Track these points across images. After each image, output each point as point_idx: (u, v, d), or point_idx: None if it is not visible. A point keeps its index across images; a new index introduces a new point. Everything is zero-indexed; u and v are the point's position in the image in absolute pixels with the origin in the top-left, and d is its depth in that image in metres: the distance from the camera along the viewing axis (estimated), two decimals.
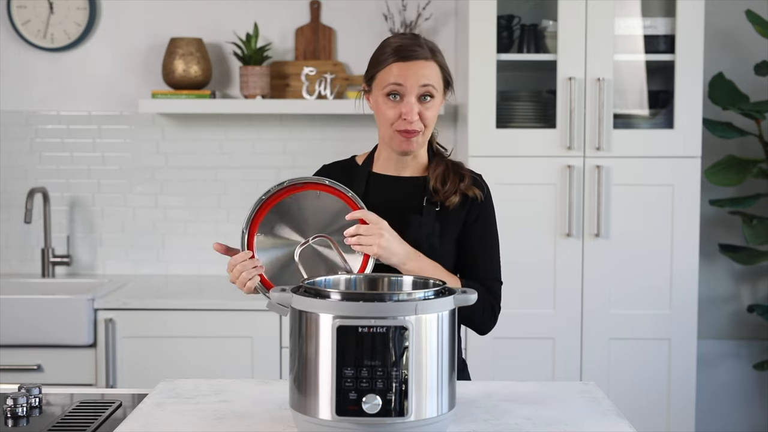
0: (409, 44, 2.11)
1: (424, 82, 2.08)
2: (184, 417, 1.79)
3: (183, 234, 3.90)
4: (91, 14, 3.82)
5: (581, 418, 1.81)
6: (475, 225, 2.18)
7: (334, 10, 3.87)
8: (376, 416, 1.56)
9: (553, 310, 3.42)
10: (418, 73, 2.08)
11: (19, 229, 3.89)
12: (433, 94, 2.10)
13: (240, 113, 3.85)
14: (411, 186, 2.19)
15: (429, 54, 2.11)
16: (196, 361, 3.32)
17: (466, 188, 2.17)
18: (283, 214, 2.07)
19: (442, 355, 1.61)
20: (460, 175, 2.19)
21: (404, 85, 2.08)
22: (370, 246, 2.00)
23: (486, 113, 3.39)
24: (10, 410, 1.92)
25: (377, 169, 2.22)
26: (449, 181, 2.17)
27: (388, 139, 2.15)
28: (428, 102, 2.10)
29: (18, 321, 3.28)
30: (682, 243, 3.42)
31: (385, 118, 2.11)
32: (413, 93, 2.09)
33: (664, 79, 3.55)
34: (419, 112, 2.09)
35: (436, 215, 2.15)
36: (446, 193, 2.15)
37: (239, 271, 2.03)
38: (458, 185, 2.17)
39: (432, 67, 2.11)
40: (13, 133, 3.88)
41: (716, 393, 3.98)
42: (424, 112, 2.10)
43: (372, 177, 2.21)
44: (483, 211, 2.20)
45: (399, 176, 2.20)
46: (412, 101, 2.09)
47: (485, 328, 2.19)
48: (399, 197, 2.18)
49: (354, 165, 2.25)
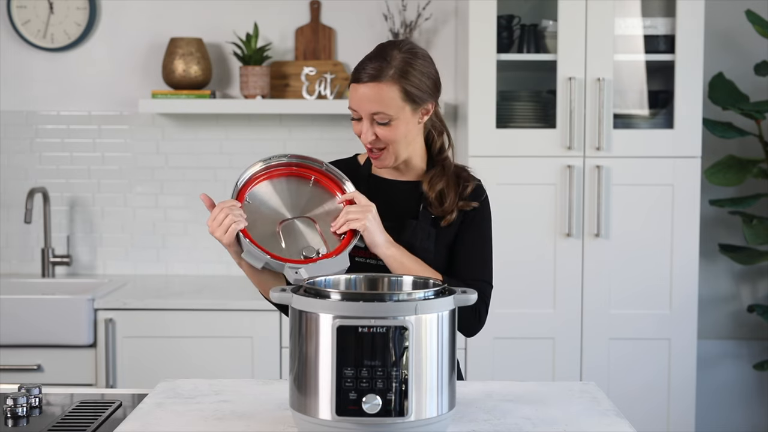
0: (363, 63, 2.05)
1: (371, 111, 2.03)
2: (184, 417, 1.79)
3: (183, 234, 3.90)
4: (91, 14, 3.82)
5: (581, 418, 1.81)
6: (468, 228, 2.17)
7: (334, 10, 3.87)
8: (376, 416, 1.56)
9: (553, 310, 3.42)
10: (364, 99, 2.03)
11: (19, 229, 3.89)
12: (386, 119, 2.03)
13: (240, 113, 3.85)
14: (409, 190, 2.18)
15: (380, 75, 2.01)
16: (196, 361, 3.32)
17: (464, 205, 2.15)
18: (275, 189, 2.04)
19: (442, 355, 1.61)
20: (459, 192, 2.14)
21: (357, 110, 2.06)
22: (356, 220, 1.99)
23: (486, 113, 3.39)
24: (10, 410, 1.92)
25: (377, 171, 2.22)
26: (447, 200, 2.13)
27: None
28: (385, 124, 2.04)
29: (18, 321, 3.28)
30: (682, 243, 3.42)
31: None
32: (366, 117, 2.05)
33: (664, 79, 3.55)
34: (375, 132, 2.05)
35: (432, 221, 2.14)
36: (443, 212, 2.13)
37: (225, 214, 1.90)
38: (456, 203, 2.13)
39: (381, 89, 2.01)
40: (13, 133, 3.88)
41: (716, 393, 3.98)
42: (381, 132, 2.05)
43: (372, 179, 2.21)
44: (478, 215, 2.18)
45: (398, 180, 2.20)
46: (366, 125, 2.05)
47: (471, 330, 2.14)
48: (397, 201, 2.17)
49: (356, 164, 2.25)
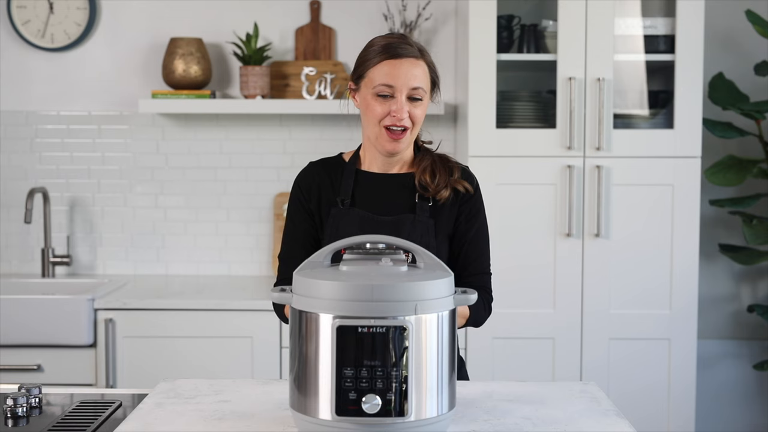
0: (398, 42, 2.11)
1: (414, 85, 2.09)
2: (184, 417, 1.79)
3: (183, 234, 3.90)
4: (91, 14, 3.82)
5: (581, 418, 1.81)
6: (468, 221, 2.18)
7: (334, 10, 3.87)
8: (376, 416, 1.56)
9: (553, 310, 3.42)
10: (408, 74, 2.08)
11: (19, 229, 3.89)
12: (422, 96, 2.11)
13: (240, 113, 3.85)
14: (400, 183, 2.18)
15: (418, 53, 2.12)
16: (196, 361, 3.32)
17: (455, 182, 2.17)
18: None
19: (442, 355, 1.61)
20: (449, 168, 2.19)
21: (394, 86, 2.08)
22: None
23: (486, 113, 3.39)
24: (10, 410, 1.92)
25: (365, 167, 2.22)
26: (438, 174, 2.16)
27: (374, 138, 2.14)
28: (417, 102, 2.11)
29: (18, 321, 3.28)
30: (682, 243, 3.42)
31: (374, 115, 2.11)
32: (403, 92, 2.09)
33: (664, 79, 3.55)
34: (408, 110, 2.10)
35: (429, 211, 2.15)
36: (437, 187, 2.15)
37: None
38: (448, 179, 2.16)
39: (421, 66, 2.11)
40: (13, 133, 3.88)
41: (716, 393, 3.98)
42: (413, 110, 2.10)
43: (360, 175, 2.20)
44: (474, 206, 2.20)
45: (387, 173, 2.20)
46: (402, 100, 2.09)
47: (481, 321, 2.21)
48: (390, 195, 2.17)
49: (341, 162, 2.24)
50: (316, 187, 2.20)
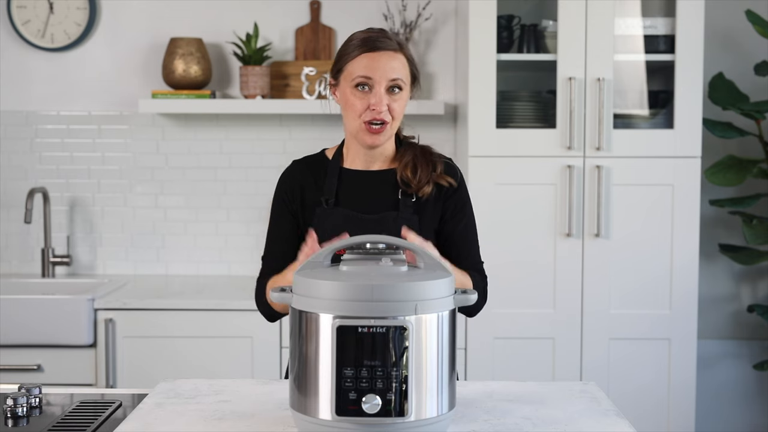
0: (376, 36, 2.11)
1: (392, 76, 2.08)
2: (184, 417, 1.79)
3: (183, 234, 3.90)
4: (91, 14, 3.82)
5: (581, 418, 1.81)
6: (454, 217, 2.17)
7: (334, 10, 3.87)
8: (376, 416, 1.56)
9: (553, 310, 3.42)
10: (387, 66, 2.08)
11: (19, 229, 3.89)
12: (402, 86, 2.10)
13: (240, 113, 3.85)
14: (382, 179, 2.18)
15: (397, 46, 2.11)
16: (196, 361, 3.32)
17: (438, 177, 2.16)
18: None
19: (442, 355, 1.61)
20: (432, 163, 2.17)
21: (372, 77, 2.08)
22: None
23: (486, 113, 3.39)
24: (10, 410, 1.92)
25: (347, 164, 2.21)
26: (420, 169, 2.15)
27: (355, 132, 2.14)
28: (397, 94, 2.10)
29: (18, 321, 3.28)
30: (682, 243, 3.42)
31: (354, 109, 2.10)
32: (382, 84, 2.08)
33: (664, 79, 3.55)
34: (387, 104, 2.09)
35: (413, 207, 2.14)
36: (419, 183, 2.14)
37: None
38: (430, 174, 2.15)
39: (400, 59, 2.10)
40: (13, 133, 3.88)
41: (716, 393, 3.98)
42: (392, 104, 2.10)
43: (343, 173, 2.20)
44: (460, 200, 2.19)
45: (369, 170, 2.19)
46: (381, 92, 2.08)
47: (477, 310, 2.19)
48: (373, 192, 2.16)
49: (324, 159, 2.24)
50: (299, 188, 2.21)
